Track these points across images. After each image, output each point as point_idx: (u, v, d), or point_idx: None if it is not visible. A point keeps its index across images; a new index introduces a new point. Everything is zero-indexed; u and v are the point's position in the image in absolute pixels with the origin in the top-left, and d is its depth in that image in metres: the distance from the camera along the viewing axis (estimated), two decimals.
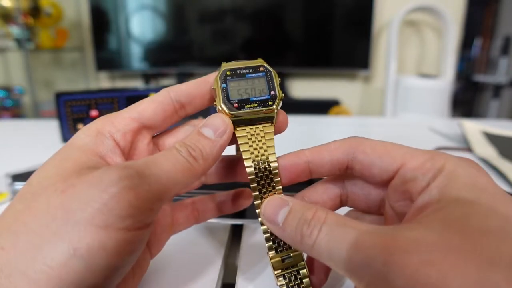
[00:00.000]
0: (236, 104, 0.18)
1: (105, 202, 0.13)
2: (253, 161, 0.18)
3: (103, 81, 2.14)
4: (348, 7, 1.82)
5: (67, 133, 0.48)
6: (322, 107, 1.85)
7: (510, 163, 0.42)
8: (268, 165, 0.18)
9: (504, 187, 0.35)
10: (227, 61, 0.21)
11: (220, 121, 0.18)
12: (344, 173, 0.18)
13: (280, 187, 0.18)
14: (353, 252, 0.13)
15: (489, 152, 0.47)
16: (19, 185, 0.30)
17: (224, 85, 0.19)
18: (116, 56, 1.93)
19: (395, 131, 0.60)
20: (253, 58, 0.21)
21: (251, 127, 0.19)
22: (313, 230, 0.15)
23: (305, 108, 1.89)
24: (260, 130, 0.19)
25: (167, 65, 1.96)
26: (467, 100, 2.62)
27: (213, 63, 1.89)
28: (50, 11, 1.79)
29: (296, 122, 0.64)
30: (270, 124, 0.19)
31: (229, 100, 0.19)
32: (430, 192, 0.15)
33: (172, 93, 0.19)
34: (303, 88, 2.03)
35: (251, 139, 0.18)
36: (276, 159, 0.18)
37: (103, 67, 1.95)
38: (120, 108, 0.51)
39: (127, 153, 0.18)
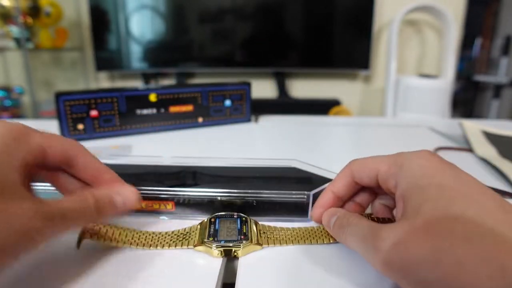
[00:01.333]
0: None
1: None
2: None
3: (103, 81, 2.14)
4: (348, 7, 1.82)
5: (67, 133, 0.48)
6: (322, 107, 1.85)
7: (510, 163, 0.42)
8: None
9: (505, 187, 0.35)
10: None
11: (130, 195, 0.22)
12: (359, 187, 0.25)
13: None
14: (360, 240, 0.19)
15: (489, 152, 0.47)
16: None
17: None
18: (116, 56, 1.93)
19: (395, 131, 0.60)
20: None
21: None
22: (344, 230, 0.21)
23: (305, 108, 1.89)
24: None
25: (167, 65, 1.96)
26: (467, 100, 2.62)
27: (213, 63, 1.89)
28: (49, 11, 1.79)
29: (296, 122, 0.64)
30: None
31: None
32: (400, 187, 0.19)
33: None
34: (304, 88, 2.03)
35: None
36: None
37: (102, 67, 1.95)
38: (119, 107, 0.51)
39: None
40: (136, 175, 0.31)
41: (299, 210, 0.26)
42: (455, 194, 0.16)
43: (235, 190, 0.26)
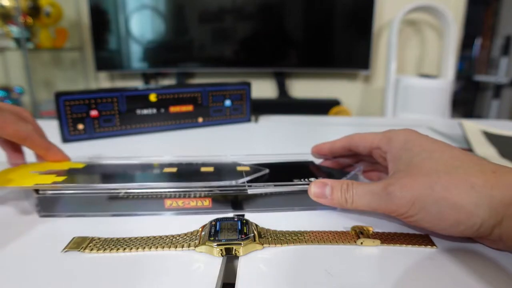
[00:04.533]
0: None
1: None
2: None
3: (103, 81, 2.14)
4: (348, 7, 1.82)
5: (67, 133, 0.48)
6: (322, 107, 1.85)
7: (510, 163, 0.42)
8: None
9: None
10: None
11: None
12: (349, 152, 0.32)
13: None
14: (370, 195, 0.24)
15: (489, 152, 0.47)
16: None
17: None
18: (115, 56, 1.93)
19: None
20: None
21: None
22: (350, 193, 0.25)
23: (305, 108, 1.89)
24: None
25: (167, 65, 1.96)
26: (467, 100, 2.62)
27: (213, 63, 1.89)
28: (49, 11, 1.79)
29: (296, 122, 0.64)
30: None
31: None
32: (391, 152, 0.26)
33: None
34: (304, 88, 2.03)
35: None
36: None
37: (102, 67, 1.95)
38: (119, 107, 0.51)
39: None
40: (172, 175, 0.30)
41: None
42: (430, 148, 0.24)
43: (270, 183, 0.27)
